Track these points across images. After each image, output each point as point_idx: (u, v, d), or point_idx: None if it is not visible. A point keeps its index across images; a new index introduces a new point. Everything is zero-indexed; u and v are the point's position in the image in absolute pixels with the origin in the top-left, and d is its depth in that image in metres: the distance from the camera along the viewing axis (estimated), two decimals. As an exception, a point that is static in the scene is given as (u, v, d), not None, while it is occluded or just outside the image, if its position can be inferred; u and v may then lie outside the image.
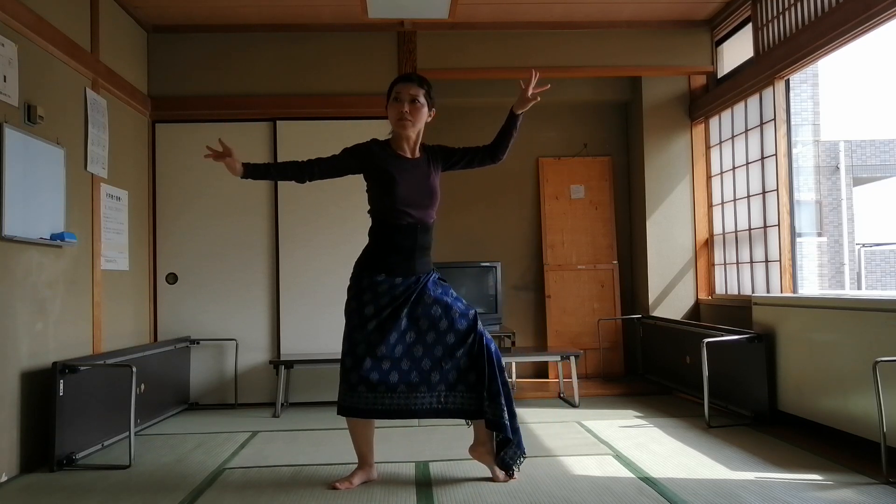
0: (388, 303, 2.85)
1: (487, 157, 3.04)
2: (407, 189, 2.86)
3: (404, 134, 2.90)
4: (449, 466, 3.19)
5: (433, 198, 2.93)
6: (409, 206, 2.87)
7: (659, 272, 5.52)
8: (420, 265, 2.91)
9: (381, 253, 2.90)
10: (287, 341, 4.96)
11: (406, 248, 2.88)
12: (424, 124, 2.95)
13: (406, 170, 2.89)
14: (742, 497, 2.68)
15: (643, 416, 4.30)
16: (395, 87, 2.91)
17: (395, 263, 2.88)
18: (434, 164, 2.97)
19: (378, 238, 2.93)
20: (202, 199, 5.00)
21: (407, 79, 2.93)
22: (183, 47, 5.03)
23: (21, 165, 3.26)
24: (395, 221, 2.88)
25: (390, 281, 2.86)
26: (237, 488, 2.95)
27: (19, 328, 3.27)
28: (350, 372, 2.82)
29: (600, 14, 5.01)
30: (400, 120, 2.87)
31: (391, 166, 2.88)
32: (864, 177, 15.24)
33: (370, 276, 2.88)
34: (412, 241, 2.88)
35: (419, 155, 2.96)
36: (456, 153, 3.03)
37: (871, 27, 3.59)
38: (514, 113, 3.01)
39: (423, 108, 2.89)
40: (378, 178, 2.91)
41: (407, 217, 2.87)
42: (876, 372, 2.91)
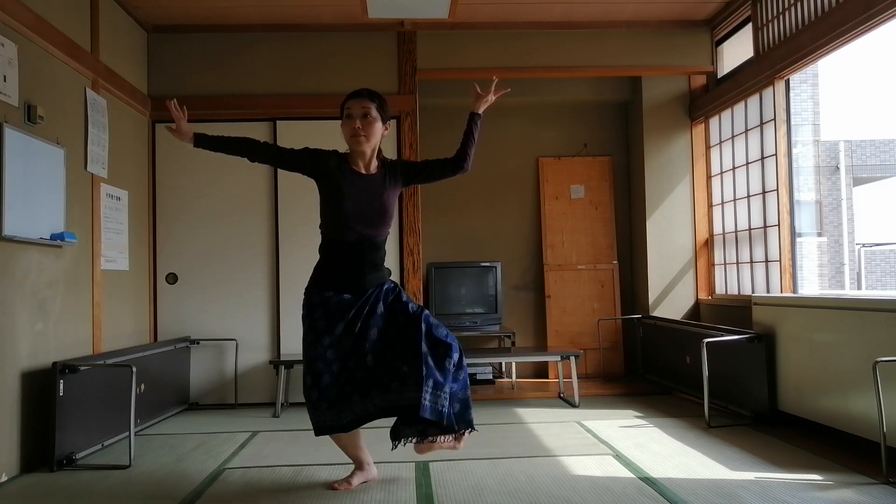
0: (340, 317, 2.80)
1: (449, 169, 2.96)
2: (356, 206, 2.81)
3: (359, 150, 2.83)
4: (449, 466, 3.19)
5: (384, 216, 2.86)
6: (357, 223, 2.81)
7: (659, 272, 5.52)
8: (371, 280, 2.85)
9: (330, 270, 2.86)
10: (287, 341, 4.96)
11: (354, 266, 2.83)
12: (380, 139, 2.88)
13: (358, 186, 2.83)
14: (742, 497, 2.68)
15: (643, 416, 4.30)
16: (346, 103, 2.85)
17: (343, 280, 2.83)
18: (392, 181, 2.89)
19: (327, 255, 2.89)
20: (202, 199, 5.00)
21: (357, 95, 2.86)
22: (183, 47, 5.03)
23: (21, 165, 3.26)
24: (342, 238, 2.83)
25: (340, 297, 2.82)
26: (237, 488, 2.95)
27: (19, 328, 3.27)
28: (311, 390, 2.78)
29: (600, 14, 5.01)
30: (353, 136, 2.80)
31: (343, 181, 2.82)
32: (864, 177, 15.24)
33: (320, 292, 2.84)
34: (360, 258, 2.83)
35: (375, 171, 2.89)
36: (416, 167, 2.98)
37: (871, 27, 3.59)
38: (476, 112, 2.98)
39: (375, 123, 2.82)
40: (328, 191, 2.85)
41: (354, 234, 2.82)
42: (876, 372, 2.91)
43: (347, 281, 2.83)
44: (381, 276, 2.91)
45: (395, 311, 2.85)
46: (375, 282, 2.87)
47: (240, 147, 2.91)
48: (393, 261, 5.02)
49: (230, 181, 5.02)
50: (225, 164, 4.99)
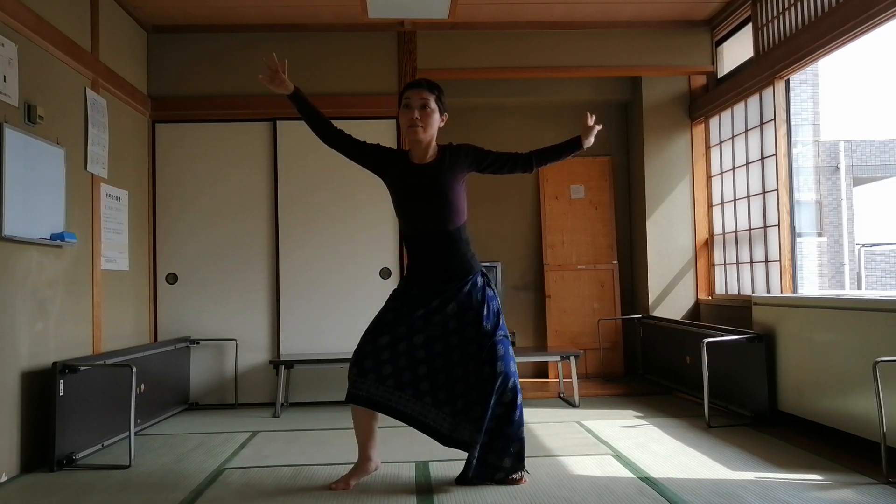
0: (414, 303, 2.85)
1: (520, 168, 2.98)
2: (415, 198, 2.84)
3: (415, 140, 2.85)
4: (449, 466, 3.18)
5: (444, 202, 2.82)
6: (421, 216, 2.84)
7: (659, 272, 5.52)
8: (450, 272, 2.85)
9: (412, 263, 2.93)
10: (287, 341, 4.96)
11: (429, 257, 2.85)
12: (437, 129, 2.90)
13: (415, 178, 2.85)
14: (742, 497, 2.68)
15: (643, 416, 4.30)
16: (404, 93, 2.88)
17: (423, 272, 2.87)
18: (453, 167, 2.86)
19: (407, 249, 2.98)
20: (202, 199, 5.00)
21: (416, 85, 2.89)
22: (183, 47, 5.03)
23: (21, 165, 3.26)
24: (412, 232, 2.89)
25: (422, 288, 2.86)
26: (237, 488, 2.95)
27: (19, 328, 3.27)
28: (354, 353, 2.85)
29: (600, 14, 5.01)
30: (410, 126, 2.82)
31: (401, 175, 2.86)
32: (864, 177, 15.24)
33: (405, 287, 2.91)
34: (433, 249, 2.85)
35: (432, 159, 2.89)
36: (488, 158, 2.94)
37: (871, 27, 3.59)
38: (581, 144, 3.01)
39: (433, 114, 2.84)
40: (391, 187, 2.92)
41: (422, 226, 2.85)
42: (876, 372, 2.91)
43: (427, 272, 2.86)
44: (465, 267, 2.87)
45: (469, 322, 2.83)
46: (458, 274, 2.86)
47: (321, 123, 2.97)
48: (393, 261, 5.02)
49: (230, 181, 5.02)
50: (225, 164, 5.02)
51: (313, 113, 2.98)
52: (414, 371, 2.83)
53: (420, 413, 2.83)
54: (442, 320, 2.83)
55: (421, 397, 2.82)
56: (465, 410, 2.80)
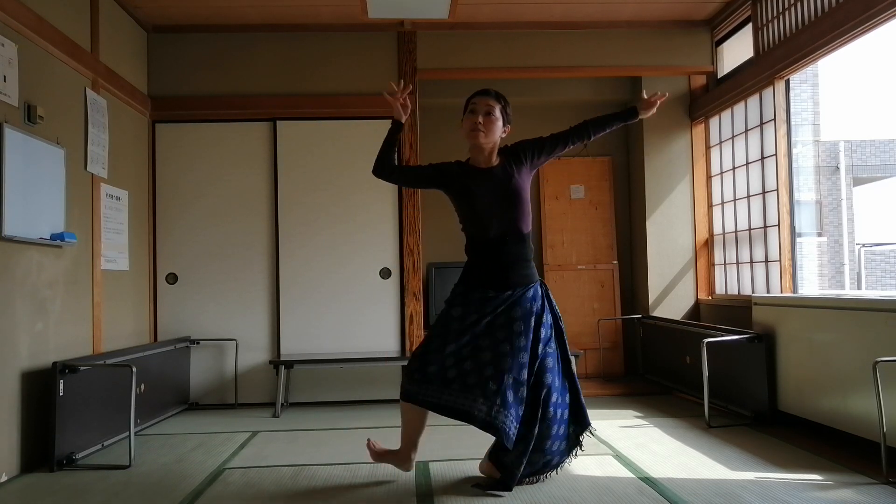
0: (476, 310, 2.80)
1: (578, 137, 2.96)
2: (486, 201, 2.83)
3: (477, 144, 2.84)
4: (449, 466, 3.19)
5: (517, 204, 2.85)
6: (493, 218, 2.83)
7: (659, 272, 5.52)
8: (516, 278, 2.84)
9: (474, 268, 2.88)
10: (287, 341, 4.96)
11: (498, 262, 2.83)
12: (500, 139, 2.89)
13: (483, 181, 2.84)
14: (742, 497, 2.68)
15: (643, 416, 4.30)
16: (471, 99, 2.88)
17: (488, 277, 2.84)
18: (516, 167, 2.87)
19: (470, 253, 2.92)
20: (202, 199, 5.00)
21: (485, 93, 2.88)
22: (183, 47, 5.03)
23: (21, 165, 3.26)
24: (482, 236, 2.86)
25: (483, 293, 2.82)
26: (237, 488, 2.95)
27: (19, 328, 3.27)
28: (414, 359, 2.81)
29: (600, 14, 5.01)
30: (472, 130, 2.81)
31: (470, 181, 2.84)
32: (864, 177, 15.24)
33: (464, 292, 2.86)
34: (502, 253, 2.83)
35: (496, 163, 2.89)
36: (543, 144, 2.93)
37: (871, 27, 3.59)
38: (637, 113, 3.00)
39: (497, 122, 2.83)
40: (457, 193, 2.88)
41: (494, 230, 2.83)
42: (876, 372, 2.91)
43: (491, 277, 2.83)
44: (529, 274, 2.88)
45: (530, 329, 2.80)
46: (521, 280, 2.85)
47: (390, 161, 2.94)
48: (393, 261, 5.02)
49: (230, 181, 5.02)
50: (225, 164, 5.02)
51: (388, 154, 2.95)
52: (480, 373, 2.74)
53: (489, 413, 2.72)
54: (506, 322, 2.78)
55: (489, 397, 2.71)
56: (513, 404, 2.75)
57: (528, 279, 2.87)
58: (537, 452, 2.81)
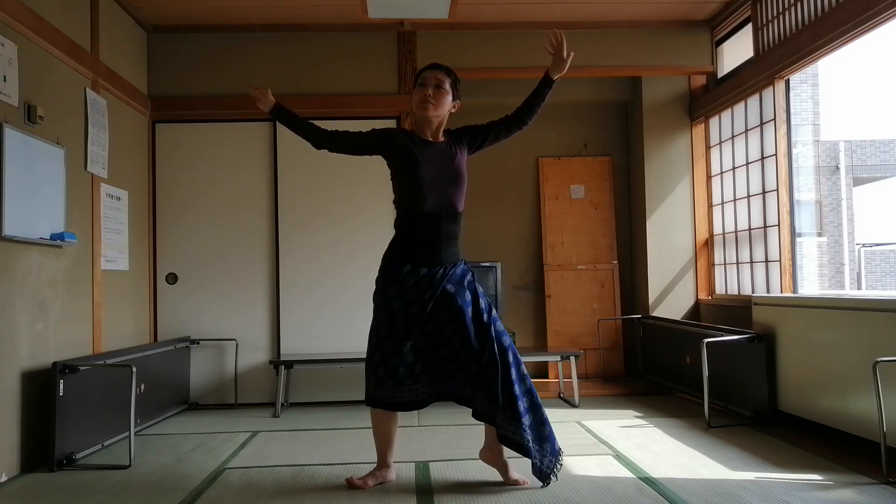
0: (416, 297, 2.81)
1: (515, 125, 2.97)
2: (430, 174, 2.83)
3: (426, 117, 2.86)
4: (449, 467, 3.19)
5: (458, 182, 2.87)
6: (433, 193, 2.83)
7: (659, 272, 5.52)
8: (447, 255, 2.86)
9: (407, 243, 2.87)
10: (287, 341, 4.96)
11: (432, 238, 2.84)
12: (448, 114, 2.92)
13: (429, 154, 2.85)
14: (742, 497, 2.68)
15: (643, 416, 4.30)
16: (421, 73, 2.91)
17: (420, 253, 2.84)
18: (459, 148, 2.92)
19: (404, 228, 2.90)
20: (202, 199, 5.00)
21: (434, 66, 2.93)
22: (183, 47, 5.03)
23: (21, 165, 3.26)
24: (419, 210, 2.84)
25: (416, 272, 2.83)
26: (237, 488, 2.95)
27: (19, 328, 3.27)
28: (378, 367, 2.81)
29: (600, 14, 5.01)
30: (422, 102, 2.84)
31: (415, 149, 2.85)
32: (864, 177, 15.24)
33: (397, 267, 2.85)
34: (437, 229, 2.85)
35: (442, 139, 2.92)
36: (482, 129, 2.97)
37: (871, 27, 3.59)
38: (552, 78, 2.98)
39: (447, 95, 2.87)
40: (401, 161, 2.87)
41: (432, 204, 2.84)
42: (876, 372, 2.91)
43: (424, 254, 2.84)
44: (457, 251, 2.91)
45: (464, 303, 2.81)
46: (451, 258, 2.88)
47: (309, 132, 2.96)
48: (393, 261, 5.02)
49: (230, 181, 5.02)
50: (225, 164, 5.02)
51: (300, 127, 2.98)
52: (437, 356, 2.82)
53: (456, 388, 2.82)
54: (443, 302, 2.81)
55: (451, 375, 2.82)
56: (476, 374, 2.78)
57: (457, 257, 2.91)
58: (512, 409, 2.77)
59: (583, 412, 4.45)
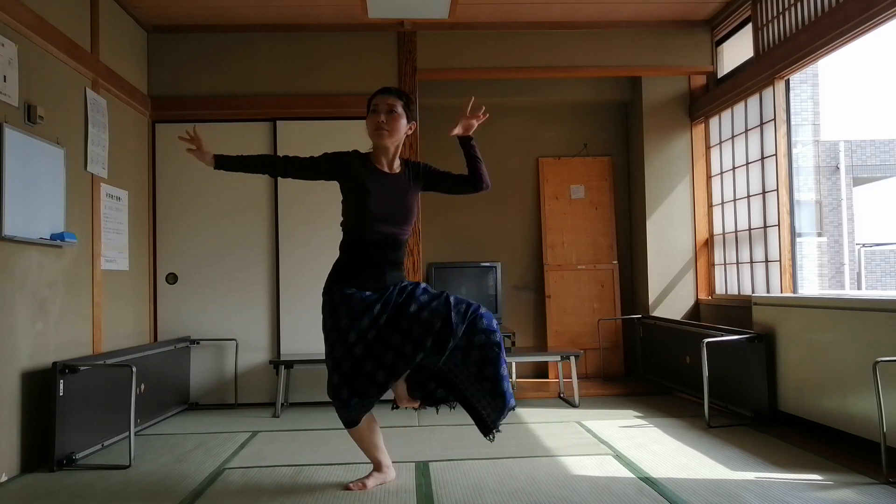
0: (364, 313, 2.78)
1: (468, 187, 3.00)
2: (380, 203, 2.80)
3: (381, 145, 2.85)
4: (449, 467, 3.19)
5: (407, 215, 2.86)
6: (381, 221, 2.81)
7: (659, 272, 5.52)
8: (390, 279, 2.85)
9: (351, 267, 2.85)
10: (287, 341, 4.96)
11: (375, 263, 2.82)
12: (405, 136, 2.90)
13: (382, 184, 2.83)
14: (742, 497, 2.68)
15: (643, 416, 4.30)
16: (373, 99, 2.89)
17: (365, 278, 2.82)
18: (414, 181, 2.91)
19: (348, 252, 2.88)
20: (202, 199, 5.00)
21: (385, 91, 2.90)
22: (183, 47, 5.03)
23: (21, 165, 3.26)
24: (365, 236, 2.82)
25: (361, 294, 2.81)
26: (237, 488, 2.95)
27: (19, 328, 3.27)
28: (340, 389, 2.76)
29: (600, 14, 5.01)
30: (377, 130, 2.82)
31: (367, 179, 2.82)
32: (864, 177, 15.24)
33: (340, 289, 2.84)
34: (382, 255, 2.83)
35: (398, 170, 2.90)
36: (439, 175, 2.97)
37: (871, 27, 3.59)
38: (460, 138, 2.96)
39: (400, 119, 2.84)
40: (352, 189, 2.84)
41: (378, 232, 2.81)
42: (876, 372, 2.91)
43: (368, 278, 2.83)
44: (401, 275, 2.92)
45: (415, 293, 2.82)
46: (395, 280, 2.87)
47: (259, 166, 2.93)
48: (393, 261, 5.02)
49: (230, 181, 5.00)
50: (225, 164, 5.02)
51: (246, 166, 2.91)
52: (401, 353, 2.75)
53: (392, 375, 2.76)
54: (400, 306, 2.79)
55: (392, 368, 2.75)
56: None
57: (400, 279, 2.90)
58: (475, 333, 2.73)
59: (583, 412, 4.45)
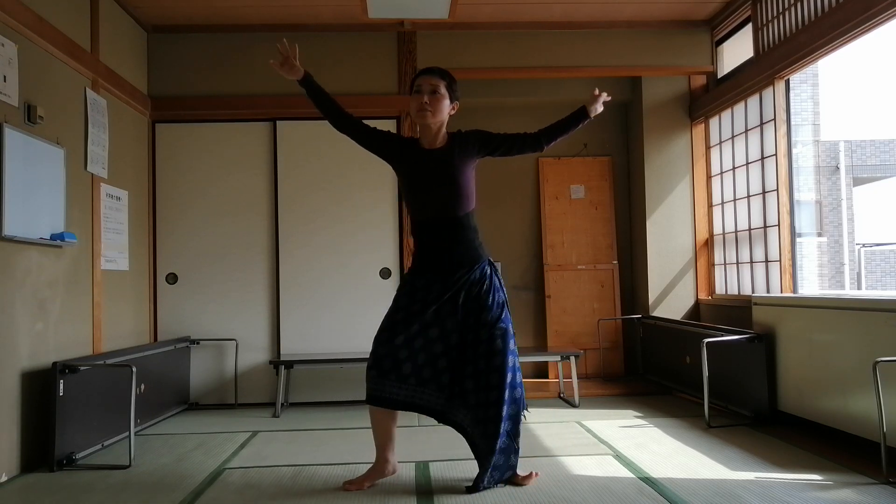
0: (421, 298, 2.82)
1: (529, 147, 2.97)
2: (426, 183, 2.83)
3: (424, 124, 2.86)
4: (449, 467, 3.19)
5: (453, 187, 2.82)
6: (430, 201, 2.83)
7: (659, 272, 5.52)
8: (460, 259, 2.83)
9: (418, 251, 2.91)
10: (287, 341, 4.96)
11: (437, 244, 2.84)
12: (448, 117, 2.90)
13: (425, 163, 2.85)
14: (742, 497, 2.68)
15: (643, 416, 4.30)
16: (416, 79, 2.90)
17: (431, 259, 2.85)
18: (462, 153, 2.87)
19: (414, 236, 2.95)
20: (202, 199, 5.00)
21: (428, 71, 2.91)
22: (183, 47, 5.03)
23: (21, 165, 3.26)
24: (421, 217, 2.87)
25: (427, 279, 2.83)
26: (237, 488, 2.95)
27: (19, 328, 3.27)
28: (370, 357, 2.83)
29: (600, 14, 5.01)
30: (420, 111, 2.83)
31: (411, 159, 2.87)
32: (864, 177, 15.24)
33: (412, 277, 2.88)
34: (441, 235, 2.84)
35: (443, 145, 2.89)
36: (495, 140, 2.93)
37: (871, 27, 3.59)
38: (587, 114, 3.01)
39: (443, 99, 2.84)
40: (401, 172, 2.92)
41: (431, 211, 2.83)
42: (876, 372, 2.91)
43: (434, 260, 2.84)
44: (473, 255, 2.87)
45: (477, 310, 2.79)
46: (466, 261, 2.84)
47: (331, 108, 2.96)
48: (393, 260, 5.02)
49: (230, 181, 5.02)
50: (225, 164, 5.02)
51: (325, 98, 2.98)
52: (434, 366, 2.80)
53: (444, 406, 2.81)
54: (452, 311, 2.80)
55: (443, 390, 2.81)
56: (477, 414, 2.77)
57: (472, 260, 2.86)
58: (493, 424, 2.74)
59: (583, 412, 4.45)
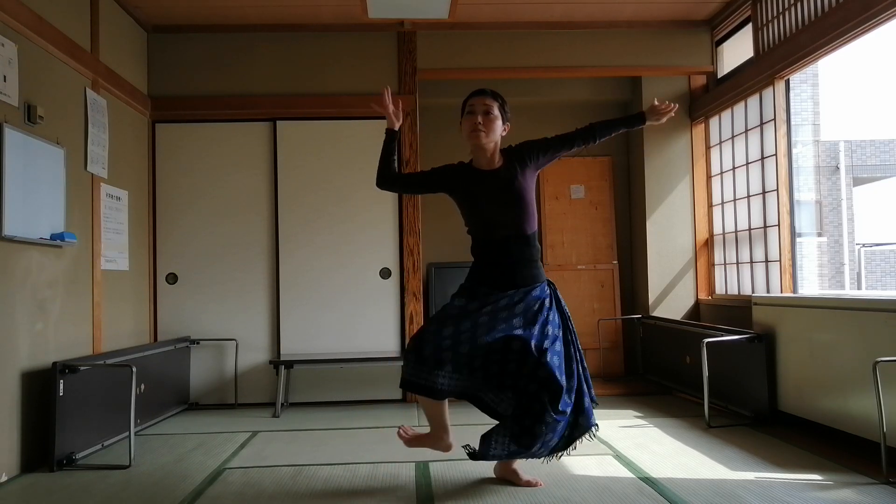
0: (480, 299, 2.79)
1: (583, 140, 2.94)
2: (490, 204, 2.81)
3: (478, 144, 2.82)
4: (449, 467, 3.19)
5: (521, 205, 2.81)
6: (496, 220, 2.81)
7: (659, 272, 5.52)
8: (521, 279, 2.81)
9: (481, 269, 2.86)
10: (287, 341, 4.96)
11: (502, 263, 2.81)
12: (500, 137, 2.86)
13: (486, 184, 2.82)
14: (742, 497, 2.68)
15: (643, 416, 4.30)
16: (468, 101, 2.87)
17: (493, 278, 2.81)
18: (519, 168, 2.83)
19: (475, 254, 2.90)
20: (202, 199, 5.00)
21: (481, 92, 2.87)
22: (183, 47, 5.03)
23: (21, 165, 3.26)
24: (486, 238, 2.84)
25: (488, 290, 2.80)
26: (237, 488, 2.95)
27: (19, 328, 3.27)
28: (410, 343, 2.78)
29: (600, 14, 5.01)
30: (473, 132, 2.79)
31: (471, 183, 2.83)
32: (864, 177, 15.24)
33: (470, 285, 2.85)
34: (507, 255, 2.80)
35: (499, 165, 2.86)
36: (553, 145, 2.89)
37: (871, 27, 3.59)
38: (645, 119, 2.97)
39: (496, 120, 2.81)
40: (460, 197, 2.88)
41: (496, 231, 2.81)
42: (876, 372, 2.91)
43: (497, 278, 2.81)
44: (535, 274, 2.85)
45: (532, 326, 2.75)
46: (527, 280, 2.82)
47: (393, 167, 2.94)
48: (393, 261, 5.03)
49: (230, 181, 5.02)
50: (225, 164, 5.02)
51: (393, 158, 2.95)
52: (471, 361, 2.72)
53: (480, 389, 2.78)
54: (509, 317, 2.75)
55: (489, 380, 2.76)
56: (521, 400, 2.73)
57: (535, 279, 2.84)
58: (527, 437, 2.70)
59: (583, 412, 4.44)
